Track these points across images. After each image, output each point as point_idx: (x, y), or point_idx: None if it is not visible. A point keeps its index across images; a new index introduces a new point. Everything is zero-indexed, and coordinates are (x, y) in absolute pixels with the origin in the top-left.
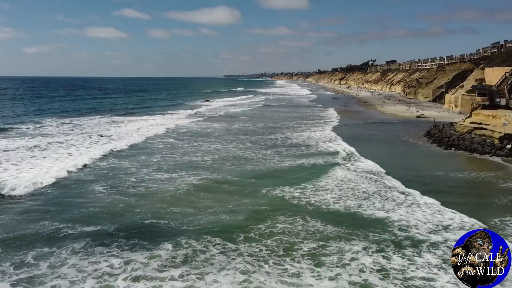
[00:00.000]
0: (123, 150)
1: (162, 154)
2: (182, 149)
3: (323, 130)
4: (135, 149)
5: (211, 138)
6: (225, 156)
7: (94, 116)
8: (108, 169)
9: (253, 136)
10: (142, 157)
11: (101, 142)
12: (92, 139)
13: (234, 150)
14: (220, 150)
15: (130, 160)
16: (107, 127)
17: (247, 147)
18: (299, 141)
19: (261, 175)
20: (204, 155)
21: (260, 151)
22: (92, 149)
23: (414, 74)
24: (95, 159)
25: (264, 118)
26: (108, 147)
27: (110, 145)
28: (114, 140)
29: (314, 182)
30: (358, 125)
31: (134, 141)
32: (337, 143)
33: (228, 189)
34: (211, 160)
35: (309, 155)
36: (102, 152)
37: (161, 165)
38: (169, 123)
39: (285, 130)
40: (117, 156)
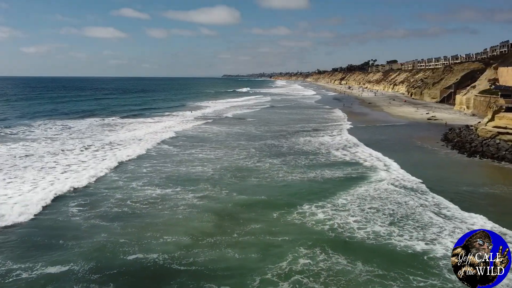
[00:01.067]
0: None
1: (158, 163)
2: (177, 156)
3: (335, 135)
4: (122, 170)
5: (213, 143)
6: (227, 166)
7: (93, 119)
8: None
9: (258, 141)
10: (131, 166)
11: (101, 151)
12: (88, 149)
13: (237, 159)
14: (222, 159)
15: (117, 172)
16: (106, 132)
17: (251, 155)
18: (309, 147)
19: (270, 192)
20: (204, 165)
21: (266, 159)
22: (93, 162)
23: (418, 74)
24: (94, 176)
25: (271, 121)
26: (110, 162)
27: (111, 158)
28: (115, 148)
29: (332, 200)
30: (367, 128)
31: (130, 154)
32: (354, 150)
33: (232, 211)
34: (212, 171)
35: (322, 165)
36: (101, 170)
37: (152, 178)
38: (174, 125)
39: (293, 135)
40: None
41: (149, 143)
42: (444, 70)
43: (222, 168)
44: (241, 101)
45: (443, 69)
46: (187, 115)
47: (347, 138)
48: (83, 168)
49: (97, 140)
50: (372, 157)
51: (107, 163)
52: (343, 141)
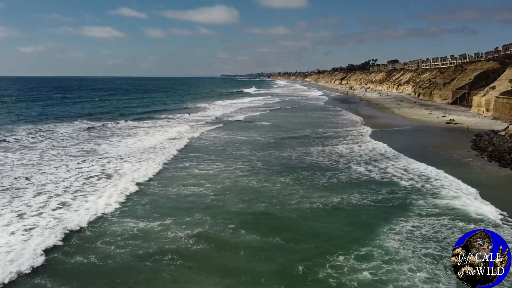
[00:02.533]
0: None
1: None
2: (178, 175)
3: (356, 143)
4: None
5: (222, 155)
6: (229, 185)
7: (84, 123)
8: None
9: (272, 151)
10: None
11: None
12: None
13: (240, 176)
14: (223, 175)
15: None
16: (103, 143)
17: (258, 169)
18: (326, 160)
19: (286, 228)
20: (203, 185)
21: (277, 177)
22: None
23: (424, 74)
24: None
25: (284, 126)
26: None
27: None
28: (120, 171)
29: (376, 243)
30: (384, 133)
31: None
32: (383, 163)
33: (239, 261)
34: (213, 194)
35: (345, 185)
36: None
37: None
38: (183, 133)
39: (306, 142)
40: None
41: (154, 162)
42: (455, 69)
43: (224, 188)
44: (248, 102)
45: (454, 69)
46: (195, 119)
47: (372, 147)
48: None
49: (87, 152)
50: (410, 173)
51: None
52: (367, 151)
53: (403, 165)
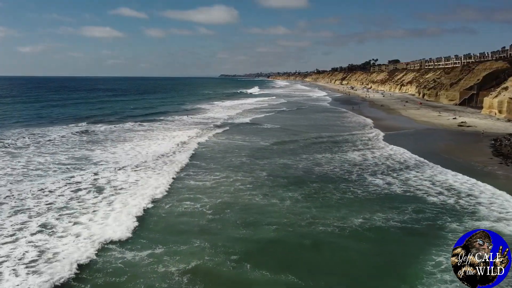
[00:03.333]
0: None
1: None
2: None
3: (369, 149)
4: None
5: (226, 164)
6: (229, 201)
7: (78, 126)
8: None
9: (287, 160)
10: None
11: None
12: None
13: (250, 192)
14: (226, 191)
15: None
16: (100, 151)
17: (263, 182)
18: (336, 168)
19: (298, 263)
20: (200, 200)
21: (284, 191)
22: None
23: (428, 74)
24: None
25: (291, 127)
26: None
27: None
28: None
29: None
30: (395, 137)
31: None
32: (405, 174)
33: None
34: (211, 213)
35: (364, 200)
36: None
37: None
38: (189, 138)
39: (314, 148)
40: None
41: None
42: (462, 69)
43: (224, 206)
44: (253, 104)
45: (460, 69)
46: (200, 122)
47: (388, 154)
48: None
49: (78, 160)
50: (437, 186)
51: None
52: (382, 159)
53: (428, 175)
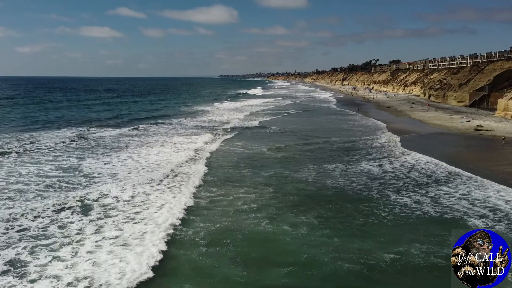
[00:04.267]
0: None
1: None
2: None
3: (383, 157)
4: None
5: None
6: (228, 227)
7: (72, 131)
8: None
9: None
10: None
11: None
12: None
13: (254, 215)
14: (224, 213)
15: None
16: (96, 162)
17: (269, 201)
18: (353, 183)
19: None
20: (191, 224)
21: (295, 214)
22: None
23: (432, 74)
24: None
25: (304, 131)
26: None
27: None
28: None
29: None
30: (410, 142)
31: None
32: (434, 189)
33: None
34: (205, 244)
35: (392, 227)
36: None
37: None
38: (197, 146)
39: (325, 157)
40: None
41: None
42: (471, 69)
43: (222, 234)
44: (260, 105)
45: (469, 69)
46: (208, 126)
47: (410, 164)
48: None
49: (65, 171)
50: (477, 206)
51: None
52: (404, 170)
53: (463, 191)
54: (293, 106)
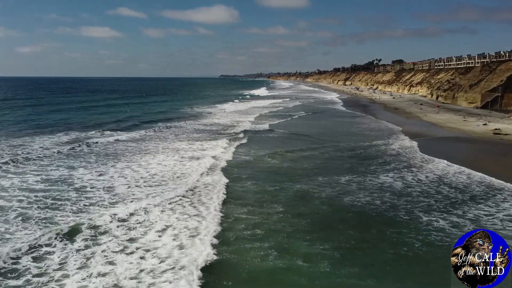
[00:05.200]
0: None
1: None
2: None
3: (404, 167)
4: None
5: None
6: (229, 262)
7: (77, 134)
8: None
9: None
10: None
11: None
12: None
13: (259, 244)
14: (225, 239)
15: None
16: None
17: (277, 226)
18: (377, 200)
19: None
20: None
21: (310, 243)
22: None
23: (439, 74)
24: None
25: (317, 135)
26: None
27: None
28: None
29: None
30: (428, 146)
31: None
32: (483, 209)
33: None
34: (201, 285)
35: (434, 266)
36: None
37: None
38: (210, 155)
39: (339, 166)
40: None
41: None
42: (482, 70)
43: (218, 270)
44: (268, 107)
45: (480, 69)
46: (216, 130)
47: (436, 174)
48: None
49: (52, 184)
50: None
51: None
52: (431, 183)
53: (510, 211)
54: (301, 107)
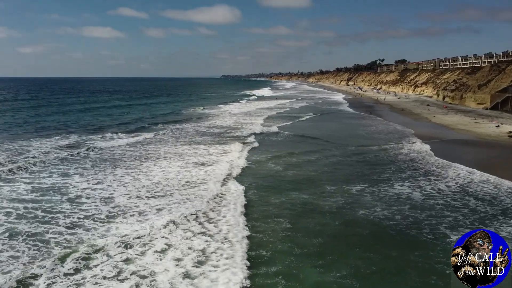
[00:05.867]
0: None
1: None
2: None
3: (421, 175)
4: None
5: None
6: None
7: (76, 138)
8: None
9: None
10: None
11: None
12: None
13: (264, 268)
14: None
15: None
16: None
17: (283, 247)
18: (396, 215)
19: None
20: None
21: (323, 269)
22: None
23: (445, 74)
24: None
25: (325, 138)
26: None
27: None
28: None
29: None
30: (443, 151)
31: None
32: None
33: None
34: None
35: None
36: None
37: None
38: (224, 162)
39: (352, 173)
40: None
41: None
42: (491, 69)
43: None
44: (274, 108)
45: (489, 69)
46: (223, 133)
47: (457, 182)
48: None
49: (45, 193)
50: None
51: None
52: (453, 194)
53: None
54: (309, 109)
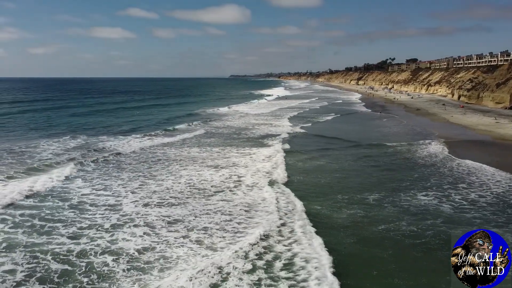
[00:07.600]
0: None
1: None
2: None
3: (447, 184)
4: None
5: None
6: None
7: (86, 140)
8: None
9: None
10: None
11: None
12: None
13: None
14: None
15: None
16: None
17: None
18: (429, 230)
19: None
20: None
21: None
22: None
23: (459, 73)
24: None
25: (347, 140)
26: None
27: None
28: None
29: None
30: (464, 152)
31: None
32: None
33: None
34: None
35: None
36: None
37: None
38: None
39: (373, 182)
40: None
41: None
42: (510, 68)
43: None
44: (294, 109)
45: (507, 67)
46: (247, 135)
47: (492, 191)
48: None
49: (39, 201)
50: None
51: None
52: (484, 204)
53: None
54: (329, 109)
